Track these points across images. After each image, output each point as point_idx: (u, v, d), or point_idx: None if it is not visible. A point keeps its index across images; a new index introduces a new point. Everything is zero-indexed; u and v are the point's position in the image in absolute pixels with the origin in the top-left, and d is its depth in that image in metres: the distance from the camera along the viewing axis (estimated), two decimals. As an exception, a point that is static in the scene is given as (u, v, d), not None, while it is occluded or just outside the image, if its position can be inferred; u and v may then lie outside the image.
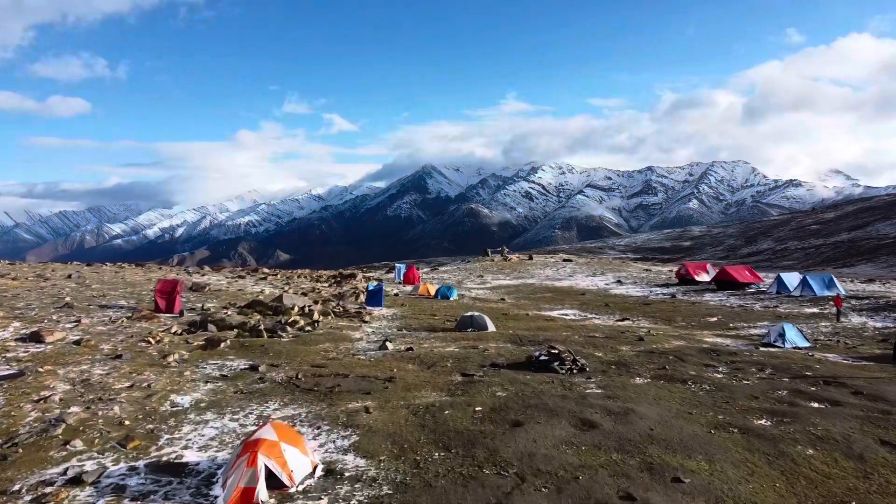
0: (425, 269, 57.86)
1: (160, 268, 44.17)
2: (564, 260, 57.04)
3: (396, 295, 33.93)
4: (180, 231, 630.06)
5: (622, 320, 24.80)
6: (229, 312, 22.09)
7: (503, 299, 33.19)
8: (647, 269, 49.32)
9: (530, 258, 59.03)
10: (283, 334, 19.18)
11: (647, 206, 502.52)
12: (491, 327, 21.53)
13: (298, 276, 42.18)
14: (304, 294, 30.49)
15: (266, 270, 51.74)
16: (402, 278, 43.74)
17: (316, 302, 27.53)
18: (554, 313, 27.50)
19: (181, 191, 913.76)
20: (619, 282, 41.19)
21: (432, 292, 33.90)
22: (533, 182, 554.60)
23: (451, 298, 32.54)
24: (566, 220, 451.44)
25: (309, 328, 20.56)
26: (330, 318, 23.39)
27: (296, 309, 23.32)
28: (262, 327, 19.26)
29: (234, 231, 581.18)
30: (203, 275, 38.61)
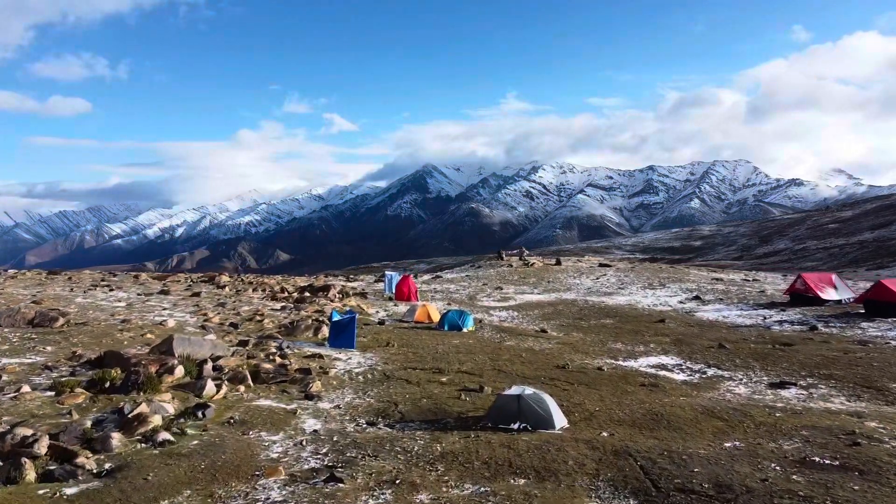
0: (425, 277, 46.26)
1: (69, 276, 33.19)
2: (601, 265, 45.50)
3: (382, 323, 22.77)
4: (180, 231, 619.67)
5: (782, 385, 13.66)
6: (26, 390, 10.95)
7: (544, 330, 22.01)
8: (716, 279, 37.56)
9: (558, 263, 47.24)
10: (88, 463, 8.09)
11: (649, 205, 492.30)
12: (559, 420, 10.48)
13: (255, 290, 31.20)
14: (234, 326, 19.44)
15: (225, 279, 40.85)
16: (393, 291, 32.60)
17: (243, 344, 16.52)
18: (642, 364, 16.35)
19: (182, 190, 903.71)
20: (696, 298, 29.87)
21: (435, 318, 22.85)
22: (534, 181, 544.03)
23: (465, 329, 21.47)
24: (567, 219, 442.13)
25: (172, 435, 9.42)
26: (244, 387, 12.34)
27: (177, 372, 12.23)
28: (37, 450, 8.17)
29: (233, 231, 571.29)
30: (112, 288, 27.55)
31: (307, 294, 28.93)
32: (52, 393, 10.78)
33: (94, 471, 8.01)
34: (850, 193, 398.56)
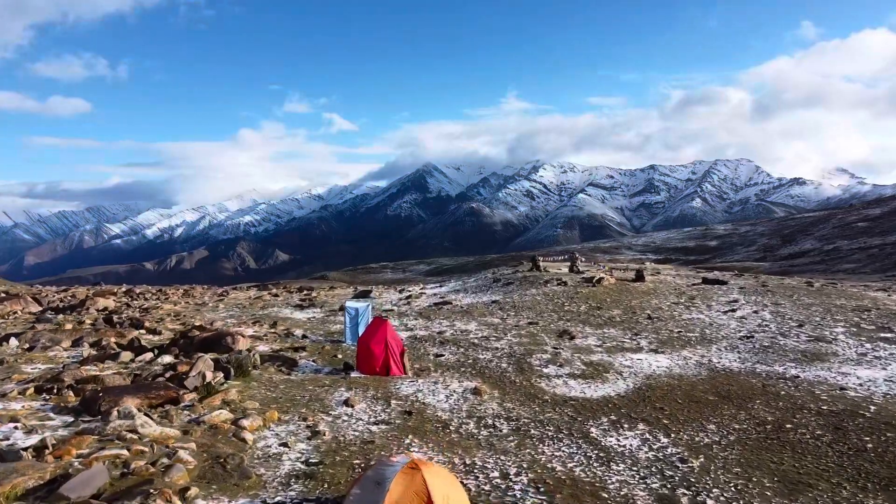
0: (422, 300, 29.05)
1: None
2: (707, 281, 29.29)
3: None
4: (179, 231, 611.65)
5: None
6: None
7: None
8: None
9: (639, 278, 29.70)
10: None
11: (650, 204, 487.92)
12: None
13: (100, 341, 18.39)
14: None
15: (103, 302, 28.53)
16: (356, 341, 16.35)
17: None
18: None
19: (183, 190, 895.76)
20: None
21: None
22: (534, 181, 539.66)
23: None
24: (568, 219, 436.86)
25: None
26: None
27: None
28: None
29: (233, 231, 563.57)
30: None
31: (167, 361, 12.93)
32: None
33: None
34: (854, 192, 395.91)
